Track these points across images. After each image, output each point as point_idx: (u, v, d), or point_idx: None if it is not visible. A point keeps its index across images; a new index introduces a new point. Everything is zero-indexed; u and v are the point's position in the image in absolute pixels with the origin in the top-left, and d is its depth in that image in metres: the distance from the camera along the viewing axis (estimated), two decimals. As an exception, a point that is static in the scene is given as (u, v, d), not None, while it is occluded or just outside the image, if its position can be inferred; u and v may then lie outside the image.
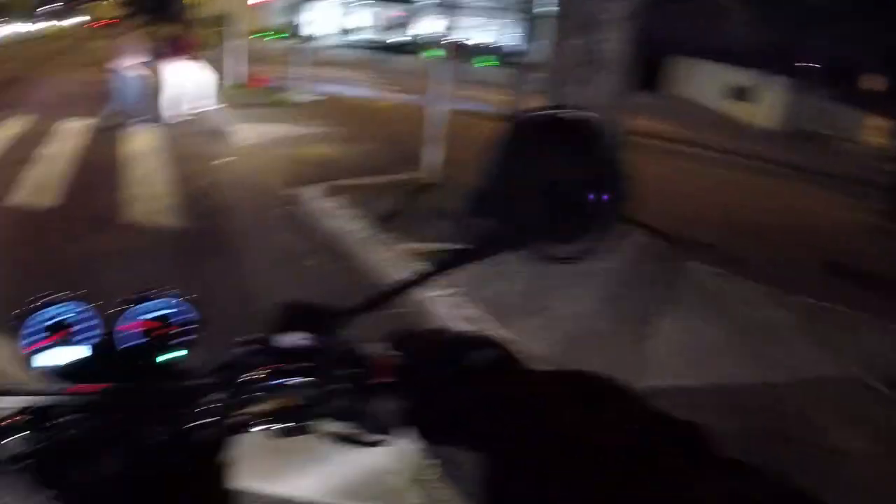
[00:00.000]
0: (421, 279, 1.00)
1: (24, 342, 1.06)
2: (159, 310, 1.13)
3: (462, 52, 7.05)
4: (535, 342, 4.02)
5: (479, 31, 42.99)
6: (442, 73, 7.58)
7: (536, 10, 15.69)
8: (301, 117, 11.99)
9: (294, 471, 2.69)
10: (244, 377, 0.89)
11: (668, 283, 5.43)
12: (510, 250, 0.92)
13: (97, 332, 1.09)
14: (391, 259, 5.34)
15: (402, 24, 48.36)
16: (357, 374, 0.85)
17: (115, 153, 9.76)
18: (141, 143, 10.45)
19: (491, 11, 43.25)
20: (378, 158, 9.12)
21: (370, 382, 0.84)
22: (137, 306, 1.12)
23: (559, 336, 4.28)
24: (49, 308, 1.08)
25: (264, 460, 1.00)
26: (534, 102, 14.26)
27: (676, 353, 4.40)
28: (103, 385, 0.93)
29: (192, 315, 1.14)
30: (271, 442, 0.91)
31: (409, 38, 44.98)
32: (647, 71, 20.41)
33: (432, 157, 7.41)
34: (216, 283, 5.10)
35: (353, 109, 14.39)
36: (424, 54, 32.25)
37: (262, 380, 0.88)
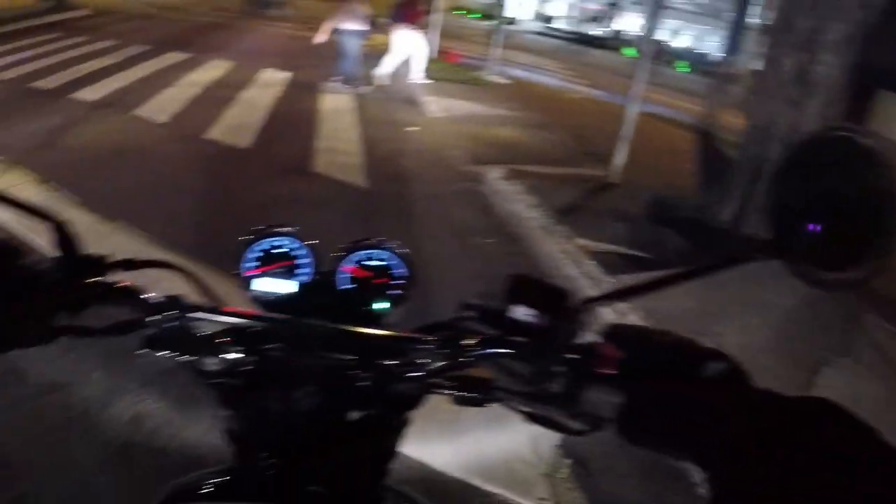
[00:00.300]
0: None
1: (243, 267, 1.10)
2: (373, 259, 1.14)
3: (659, 53, 6.85)
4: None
5: (677, 34, 41.90)
6: (636, 73, 7.36)
7: (745, 20, 15.08)
8: (491, 97, 12.05)
9: (431, 436, 2.69)
10: (462, 341, 0.88)
11: (843, 332, 5.04)
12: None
13: (311, 269, 1.11)
14: (564, 252, 5.24)
15: (599, 18, 47.87)
16: (579, 360, 0.81)
17: (312, 107, 10.18)
18: (337, 101, 10.85)
19: (692, 15, 42.02)
20: (561, 149, 9.00)
21: (591, 371, 0.79)
22: (353, 252, 1.14)
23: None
24: (269, 238, 1.12)
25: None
26: (728, 115, 13.79)
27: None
28: (313, 321, 0.95)
29: (404, 270, 1.14)
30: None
31: (606, 33, 44.45)
32: (862, 101, 19.11)
33: (617, 156, 7.23)
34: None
35: (542, 97, 14.30)
36: (621, 51, 31.78)
37: (478, 346, 0.87)
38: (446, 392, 0.90)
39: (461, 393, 0.89)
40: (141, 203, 5.64)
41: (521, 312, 0.87)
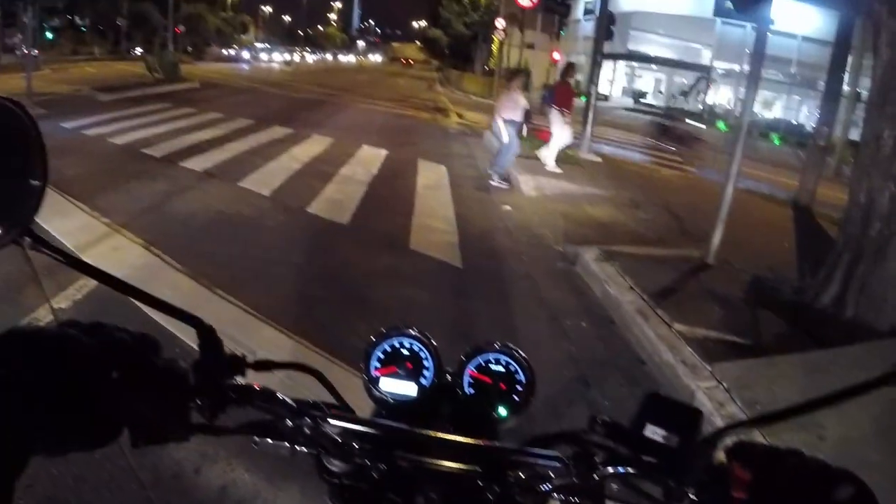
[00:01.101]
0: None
1: (371, 366, 1.14)
2: (493, 363, 1.16)
3: (751, 127, 6.67)
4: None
5: (768, 107, 41.29)
6: (729, 147, 7.24)
7: (840, 89, 14.75)
8: (583, 175, 12.09)
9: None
10: (591, 457, 0.88)
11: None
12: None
13: (433, 370, 1.14)
14: (661, 337, 5.14)
15: (691, 93, 47.65)
16: (710, 482, 0.80)
17: (408, 183, 10.45)
18: (431, 178, 11.07)
19: (784, 86, 41.43)
20: (656, 228, 8.91)
21: (723, 494, 0.77)
22: (476, 356, 1.16)
23: (826, 456, 3.81)
24: (394, 338, 1.15)
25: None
26: (826, 189, 13.47)
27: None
28: (435, 432, 0.95)
29: (524, 376, 1.15)
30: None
31: (698, 107, 44.19)
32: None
33: (713, 235, 7.11)
34: (484, 328, 5.23)
35: (635, 174, 14.28)
36: (717, 126, 31.50)
37: (608, 463, 0.86)
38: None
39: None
40: (241, 272, 5.84)
41: (653, 431, 0.87)
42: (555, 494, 0.89)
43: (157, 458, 3.11)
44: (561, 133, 12.65)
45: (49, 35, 46.91)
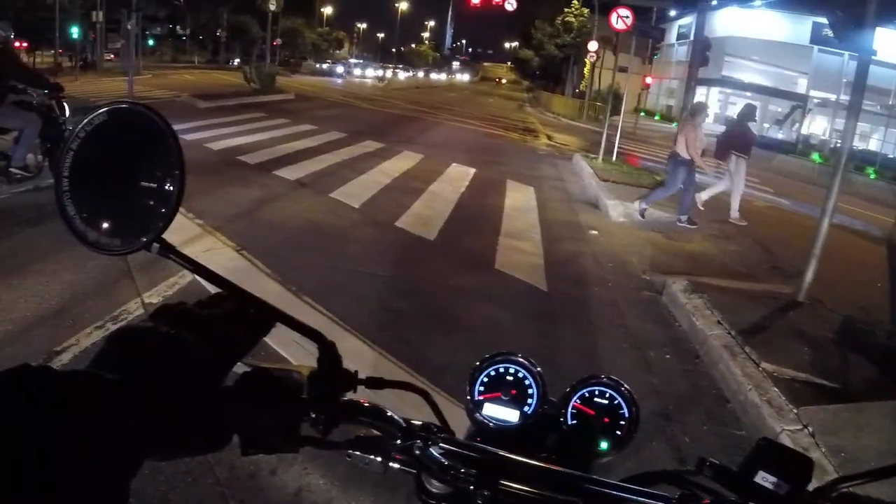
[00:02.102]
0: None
1: (475, 390, 1.15)
2: (598, 395, 1.15)
3: (847, 159, 6.39)
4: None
5: (865, 139, 39.88)
6: (826, 181, 6.99)
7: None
8: (673, 203, 11.89)
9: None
10: (696, 500, 0.87)
11: None
12: None
13: (537, 399, 1.14)
14: (747, 376, 5.00)
15: (786, 121, 46.43)
16: None
17: (495, 203, 10.48)
18: (519, 199, 11.08)
19: (881, 118, 39.96)
20: (746, 262, 8.69)
21: None
22: (579, 387, 1.15)
23: None
24: (501, 363, 1.15)
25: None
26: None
27: None
28: (538, 462, 0.95)
29: (631, 410, 1.15)
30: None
31: (791, 137, 43.02)
32: None
33: (805, 272, 6.88)
34: (566, 354, 5.19)
35: (725, 204, 13.96)
36: (812, 157, 30.61)
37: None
38: None
39: None
40: (328, 282, 5.96)
41: (763, 478, 0.85)
42: None
43: (235, 456, 3.14)
44: (739, 181, 12.17)
45: (151, 42, 48.88)
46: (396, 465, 0.93)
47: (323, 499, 3.04)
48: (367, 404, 0.91)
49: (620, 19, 17.47)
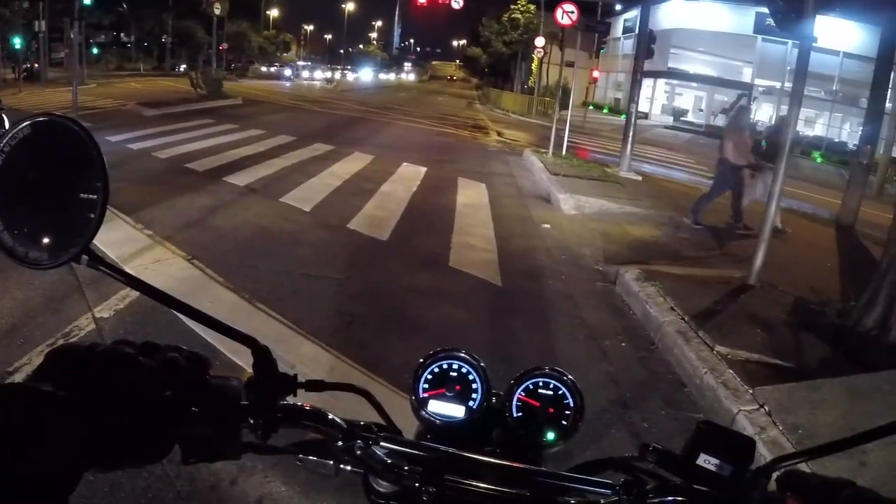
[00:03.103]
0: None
1: (419, 388, 1.14)
2: (542, 387, 1.15)
3: (793, 145, 6.43)
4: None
5: (810, 124, 40.75)
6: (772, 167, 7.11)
7: (884, 108, 14.57)
8: (623, 194, 12.02)
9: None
10: (641, 485, 0.87)
11: None
12: None
13: (482, 394, 1.14)
14: (702, 360, 5.07)
15: (730, 111, 47.18)
16: None
17: (447, 201, 10.50)
18: (470, 196, 11.12)
19: (825, 104, 40.90)
20: (696, 248, 8.81)
21: None
22: (523, 379, 1.15)
23: (867, 482, 3.68)
24: (443, 359, 1.15)
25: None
26: (868, 207, 13.26)
27: None
28: (484, 457, 0.95)
29: (576, 399, 1.15)
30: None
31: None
32: None
33: (755, 256, 6.99)
34: (524, 348, 5.21)
35: (675, 193, 14.16)
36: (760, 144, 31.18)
37: (659, 492, 0.86)
38: None
39: None
40: (282, 287, 5.90)
41: (706, 460, 0.86)
42: None
43: (195, 469, 3.13)
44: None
45: (95, 51, 47.99)
46: (348, 467, 0.92)
47: (286, 506, 3.02)
48: (306, 407, 0.89)
49: (566, 14, 17.59)
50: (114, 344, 0.76)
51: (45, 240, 0.75)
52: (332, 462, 0.91)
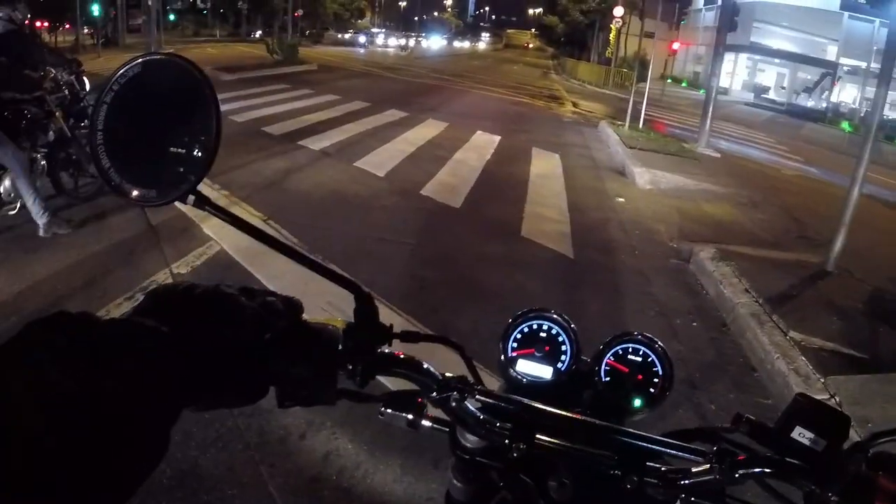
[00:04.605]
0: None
1: (508, 347, 1.14)
2: (632, 353, 1.15)
3: (877, 128, 6.17)
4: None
5: (894, 108, 39.13)
6: (860, 151, 6.85)
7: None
8: (700, 171, 11.76)
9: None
10: (733, 455, 0.86)
11: None
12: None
13: (571, 355, 1.13)
14: (774, 345, 4.96)
15: (815, 89, 45.70)
16: (855, 490, 0.78)
17: (521, 170, 10.45)
18: (545, 166, 11.04)
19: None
20: (774, 230, 8.60)
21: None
22: (613, 344, 1.15)
23: None
24: (534, 319, 1.15)
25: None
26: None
27: None
28: (576, 415, 0.96)
29: (665, 367, 1.14)
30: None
31: (822, 106, 42.36)
32: None
33: (834, 241, 6.77)
34: (593, 320, 5.18)
35: (754, 172, 13.81)
36: (842, 126, 30.14)
37: (749, 464, 0.84)
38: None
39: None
40: (355, 250, 6.00)
41: (800, 433, 0.84)
42: (690, 489, 0.88)
43: (265, 421, 3.23)
44: None
45: (172, 17, 48.82)
46: (427, 423, 0.93)
47: (351, 462, 3.08)
48: (403, 356, 0.90)
49: (647, -16, 17.18)
50: (214, 285, 0.77)
51: (153, 178, 0.76)
52: (412, 416, 0.92)
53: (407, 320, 4.63)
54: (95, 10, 29.61)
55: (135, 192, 0.75)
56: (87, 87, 7.59)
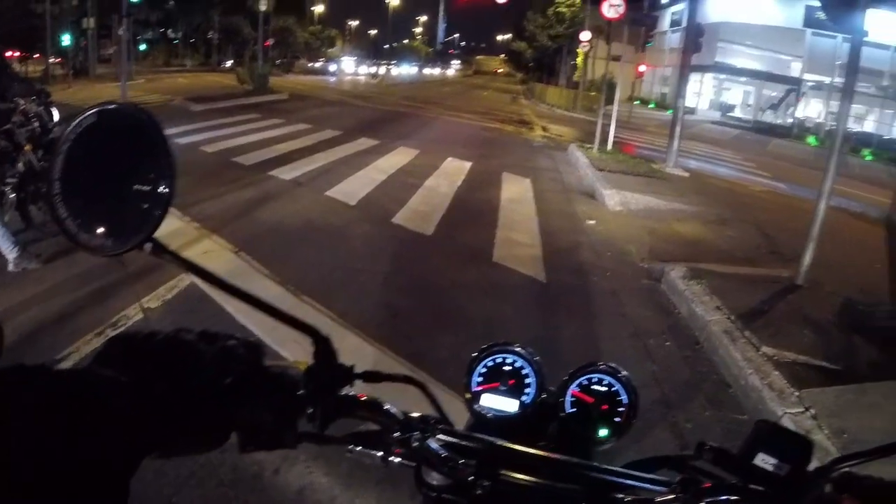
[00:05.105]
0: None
1: (473, 381, 1.15)
2: (596, 383, 1.16)
3: (845, 141, 6.28)
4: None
5: (859, 121, 39.78)
6: (825, 165, 6.94)
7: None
8: (669, 190, 11.88)
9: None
10: (697, 484, 0.86)
11: None
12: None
13: (536, 388, 1.14)
14: (748, 360, 5.00)
15: (780, 106, 46.36)
16: None
17: (492, 196, 10.48)
18: (515, 191, 11.09)
19: (876, 100, 39.88)
20: (744, 247, 8.69)
21: None
22: (577, 375, 1.15)
23: None
24: (498, 353, 1.15)
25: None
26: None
27: None
28: (538, 450, 0.95)
29: (629, 396, 1.15)
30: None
31: (788, 121, 42.98)
32: None
33: (804, 255, 6.86)
34: (567, 345, 5.20)
35: (722, 190, 13.97)
36: (808, 141, 30.59)
37: (713, 491, 0.84)
38: None
39: None
40: (327, 280, 5.97)
41: (763, 460, 0.85)
42: None
43: (238, 458, 3.18)
44: None
45: (143, 47, 48.76)
46: (397, 459, 0.93)
47: (326, 497, 3.05)
48: (364, 398, 0.91)
49: (612, 7, 17.41)
50: (173, 332, 0.78)
51: (110, 227, 0.76)
52: (381, 454, 0.92)
53: (380, 350, 4.62)
54: (66, 39, 29.53)
55: (92, 242, 0.75)
56: (56, 117, 7.53)
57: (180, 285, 5.33)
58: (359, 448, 0.93)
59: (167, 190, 0.77)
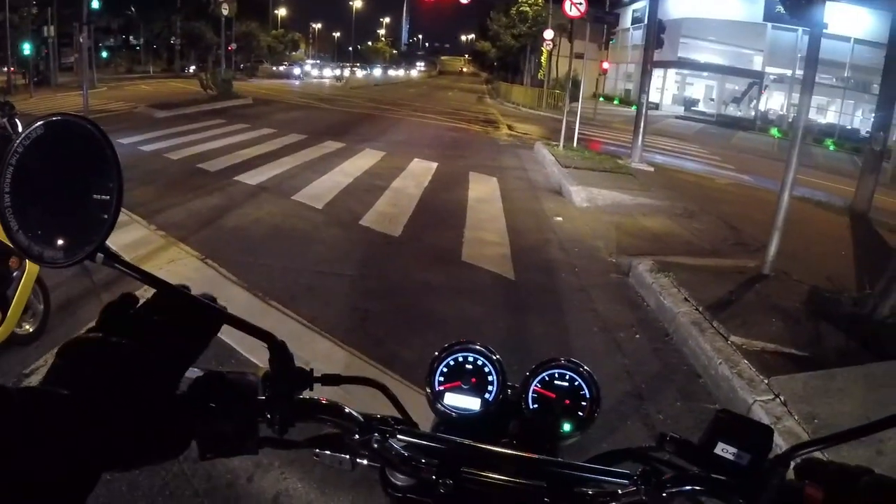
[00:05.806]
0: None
1: (434, 381, 1.14)
2: (558, 378, 1.15)
3: (805, 132, 6.36)
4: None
5: (822, 112, 40.42)
6: (787, 157, 7.04)
7: None
8: (635, 186, 11.96)
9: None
10: (659, 475, 0.86)
11: None
12: None
13: (498, 386, 1.14)
14: (717, 350, 5.05)
15: (743, 99, 46.99)
16: (781, 502, 0.79)
17: (459, 196, 10.50)
18: (483, 190, 11.11)
19: (837, 91, 40.57)
20: (710, 239, 8.79)
21: None
22: (539, 371, 1.15)
23: (884, 469, 3.62)
24: (459, 352, 1.15)
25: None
26: (882, 195, 13.15)
27: None
28: (501, 448, 0.95)
29: (592, 390, 1.15)
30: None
31: (750, 114, 43.56)
32: None
33: (769, 246, 6.95)
34: (538, 342, 5.21)
35: (687, 183, 14.11)
36: (771, 133, 31.00)
37: (676, 482, 0.85)
38: None
39: None
40: (296, 285, 5.92)
41: (724, 449, 0.85)
42: None
43: (211, 466, 3.16)
44: None
45: (105, 54, 48.25)
46: (364, 461, 0.93)
47: (302, 502, 3.03)
48: (323, 401, 0.90)
49: (574, 6, 17.49)
50: (129, 339, 0.76)
51: (60, 239, 0.75)
52: (348, 456, 0.92)
53: (350, 353, 4.60)
54: (27, 48, 29.10)
55: (44, 254, 0.74)
56: (20, 128, 7.43)
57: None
58: (326, 452, 0.92)
59: (115, 200, 0.76)
